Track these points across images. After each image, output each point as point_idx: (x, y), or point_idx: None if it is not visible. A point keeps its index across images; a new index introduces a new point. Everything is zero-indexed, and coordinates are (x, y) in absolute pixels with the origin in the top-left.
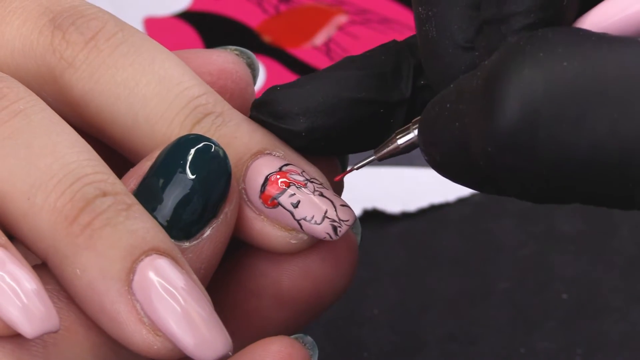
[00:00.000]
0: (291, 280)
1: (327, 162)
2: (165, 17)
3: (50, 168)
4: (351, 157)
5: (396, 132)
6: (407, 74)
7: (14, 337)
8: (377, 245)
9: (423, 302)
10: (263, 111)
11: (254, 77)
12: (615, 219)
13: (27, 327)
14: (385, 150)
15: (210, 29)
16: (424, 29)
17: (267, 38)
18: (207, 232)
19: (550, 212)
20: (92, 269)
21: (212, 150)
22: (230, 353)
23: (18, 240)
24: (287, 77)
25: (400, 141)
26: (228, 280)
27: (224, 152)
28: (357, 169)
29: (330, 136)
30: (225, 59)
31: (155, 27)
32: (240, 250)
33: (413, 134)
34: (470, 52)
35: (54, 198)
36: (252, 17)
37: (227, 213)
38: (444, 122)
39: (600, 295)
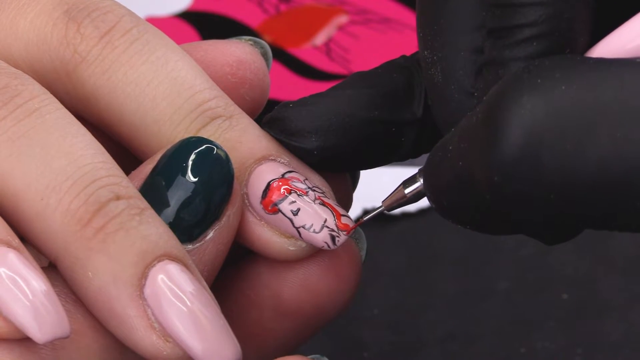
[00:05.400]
0: (291, 292)
1: (337, 175)
2: (166, 17)
3: (64, 169)
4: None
5: (403, 181)
6: (419, 93)
7: (23, 340)
8: (377, 245)
9: (423, 301)
10: (275, 128)
11: (268, 66)
12: None
13: (38, 332)
14: (392, 201)
15: (210, 28)
16: (429, 73)
17: (267, 38)
18: (210, 234)
19: None
20: (104, 272)
21: (214, 152)
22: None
23: (27, 241)
24: (288, 77)
25: (407, 191)
26: (230, 290)
27: (227, 155)
28: (365, 221)
29: (341, 154)
30: (243, 50)
31: (155, 27)
32: (242, 260)
33: (419, 182)
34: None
35: (67, 200)
36: (252, 17)
37: (229, 216)
38: (447, 165)
39: (600, 295)
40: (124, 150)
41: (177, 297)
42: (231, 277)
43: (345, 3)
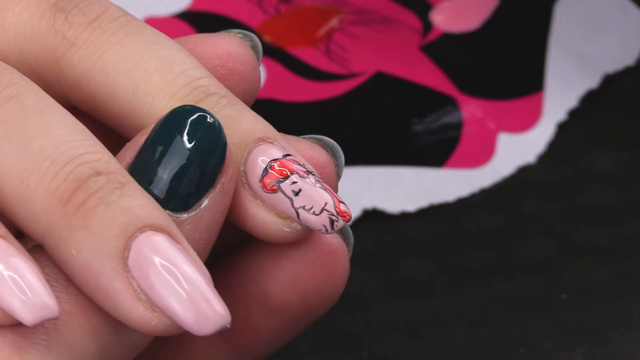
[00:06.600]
0: (279, 288)
1: (322, 169)
2: (165, 17)
3: (43, 150)
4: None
5: None
6: None
7: (15, 326)
8: (377, 245)
9: (423, 302)
10: None
11: (258, 59)
12: (616, 219)
13: (26, 314)
14: None
15: (210, 29)
16: None
17: (267, 38)
18: (205, 202)
19: (551, 212)
20: (87, 248)
21: (208, 120)
22: (228, 325)
23: (14, 226)
24: (287, 77)
25: None
26: (217, 287)
27: (219, 123)
28: None
29: None
30: (232, 42)
31: (155, 27)
32: (230, 257)
33: None
34: None
35: (47, 179)
36: (252, 17)
37: (224, 183)
38: None
39: (601, 295)
40: (116, 139)
41: (163, 267)
42: (219, 274)
43: (345, 3)
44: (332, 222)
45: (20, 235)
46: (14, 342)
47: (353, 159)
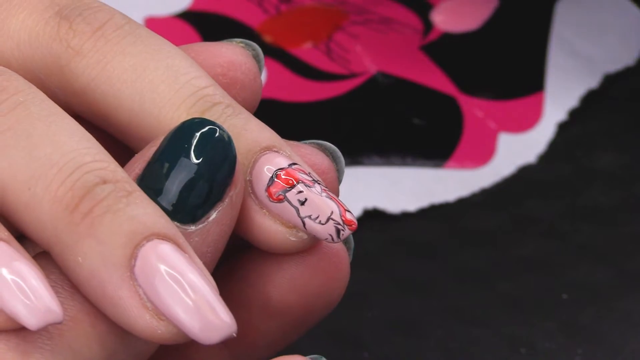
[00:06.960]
0: (280, 292)
1: (324, 175)
2: (166, 17)
3: (49, 158)
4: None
5: None
6: None
7: (19, 330)
8: (377, 245)
9: (423, 301)
10: None
11: (260, 68)
12: (616, 219)
13: (30, 318)
14: None
15: (210, 29)
16: None
17: (267, 38)
18: (213, 215)
19: (551, 212)
20: (94, 256)
21: (217, 133)
22: (234, 334)
23: (22, 233)
24: (288, 77)
25: None
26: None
27: (229, 136)
28: None
29: None
30: (234, 52)
31: (155, 27)
32: (231, 261)
33: None
34: None
35: (54, 187)
36: (252, 17)
37: (232, 196)
38: None
39: (601, 295)
40: (122, 149)
41: (169, 275)
42: (220, 277)
43: (346, 3)
44: (338, 231)
45: (22, 238)
46: (17, 346)
47: (354, 159)
